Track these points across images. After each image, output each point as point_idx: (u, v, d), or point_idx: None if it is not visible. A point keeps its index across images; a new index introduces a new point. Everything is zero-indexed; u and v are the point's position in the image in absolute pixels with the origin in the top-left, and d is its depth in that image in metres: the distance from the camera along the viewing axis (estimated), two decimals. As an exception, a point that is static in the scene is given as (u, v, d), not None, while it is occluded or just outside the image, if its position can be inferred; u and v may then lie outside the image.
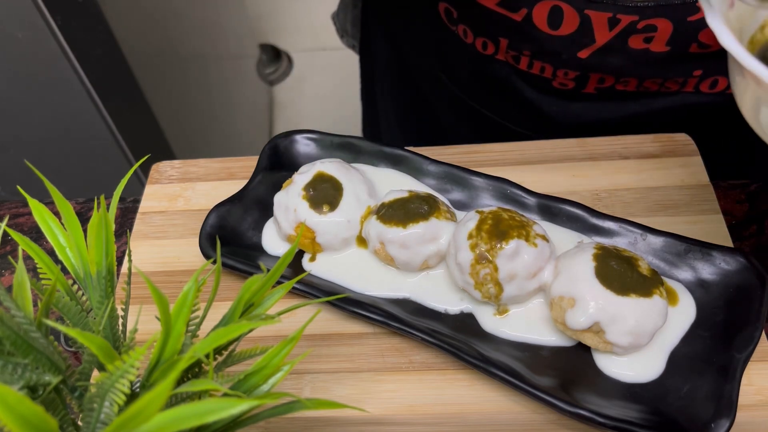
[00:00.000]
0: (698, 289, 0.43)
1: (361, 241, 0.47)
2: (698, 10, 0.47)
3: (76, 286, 0.31)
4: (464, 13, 0.56)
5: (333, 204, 0.46)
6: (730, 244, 0.46)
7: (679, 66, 0.52)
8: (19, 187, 0.37)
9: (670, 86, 0.54)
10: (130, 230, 0.52)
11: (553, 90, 0.58)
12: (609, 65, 0.52)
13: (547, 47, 0.53)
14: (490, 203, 0.48)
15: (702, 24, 0.47)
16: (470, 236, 0.41)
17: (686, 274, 0.43)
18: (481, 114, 0.64)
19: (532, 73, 0.57)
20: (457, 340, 0.41)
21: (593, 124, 0.59)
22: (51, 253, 0.32)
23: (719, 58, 0.50)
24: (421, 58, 0.67)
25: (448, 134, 0.69)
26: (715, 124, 0.57)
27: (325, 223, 0.45)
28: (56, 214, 0.48)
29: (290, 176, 0.49)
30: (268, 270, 0.30)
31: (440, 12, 0.59)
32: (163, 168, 0.56)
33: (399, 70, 0.73)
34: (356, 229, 0.46)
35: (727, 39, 0.29)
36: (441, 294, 0.45)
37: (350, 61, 0.88)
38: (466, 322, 0.43)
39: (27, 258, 0.30)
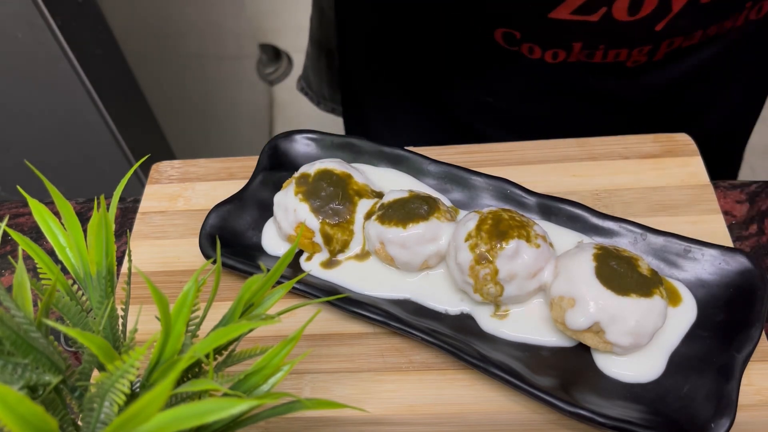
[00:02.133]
0: (698, 289, 0.43)
1: (360, 255, 0.47)
2: None
3: (76, 286, 0.31)
4: (530, 32, 0.55)
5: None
6: (730, 244, 0.46)
7: (733, 2, 0.52)
8: (19, 187, 0.37)
9: (727, 25, 0.54)
10: (130, 230, 0.52)
11: (625, 71, 0.57)
12: (681, 28, 0.52)
13: (625, 34, 0.52)
14: (490, 203, 0.48)
15: None
16: (470, 237, 0.41)
17: (686, 274, 0.43)
18: (523, 121, 0.64)
19: (607, 62, 0.56)
20: (457, 340, 0.41)
21: (657, 87, 0.59)
22: (51, 253, 0.32)
23: None
24: (460, 91, 0.65)
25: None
26: (714, 123, 0.57)
27: (325, 223, 0.45)
28: (56, 214, 0.48)
29: (290, 176, 0.49)
30: (268, 270, 0.30)
31: (496, 38, 0.57)
32: (163, 168, 0.56)
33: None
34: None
35: None
36: (441, 294, 0.45)
37: (350, 61, 0.87)
38: (466, 323, 0.43)
39: (27, 258, 0.30)
